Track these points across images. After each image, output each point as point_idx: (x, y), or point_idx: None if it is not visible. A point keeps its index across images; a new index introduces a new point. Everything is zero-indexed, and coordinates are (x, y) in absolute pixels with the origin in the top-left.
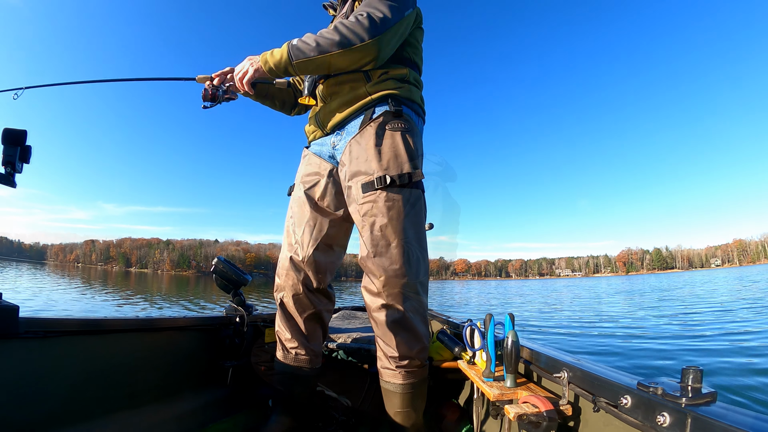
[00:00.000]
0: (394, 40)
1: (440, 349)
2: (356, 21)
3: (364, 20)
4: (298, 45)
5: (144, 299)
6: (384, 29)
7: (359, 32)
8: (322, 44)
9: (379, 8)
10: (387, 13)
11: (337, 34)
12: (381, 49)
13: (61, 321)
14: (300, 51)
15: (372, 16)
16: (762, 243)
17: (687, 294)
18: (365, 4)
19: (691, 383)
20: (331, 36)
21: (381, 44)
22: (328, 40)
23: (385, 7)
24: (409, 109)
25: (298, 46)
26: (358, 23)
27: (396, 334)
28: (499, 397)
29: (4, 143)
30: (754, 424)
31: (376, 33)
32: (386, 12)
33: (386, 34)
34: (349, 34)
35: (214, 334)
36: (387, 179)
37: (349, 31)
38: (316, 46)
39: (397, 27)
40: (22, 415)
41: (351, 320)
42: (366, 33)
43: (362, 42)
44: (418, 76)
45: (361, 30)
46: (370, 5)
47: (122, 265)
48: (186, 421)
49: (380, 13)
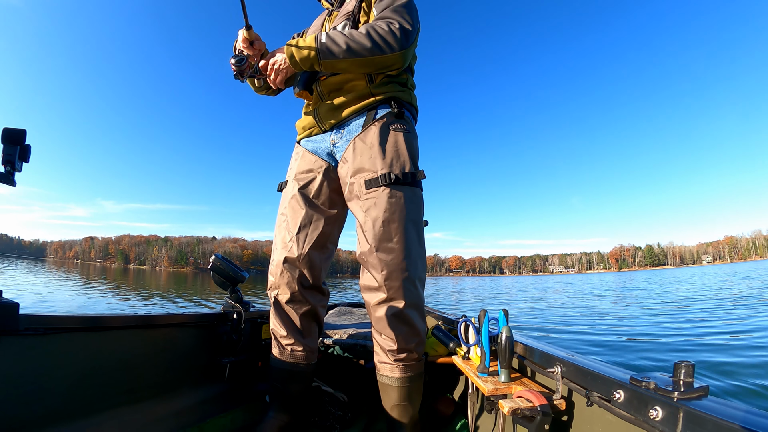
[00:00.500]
0: (413, 50)
1: (435, 344)
2: (389, 30)
3: (397, 31)
4: (328, 45)
5: (143, 296)
6: (410, 42)
7: (391, 42)
8: (354, 48)
9: (407, 19)
10: (415, 23)
11: (369, 40)
12: (406, 60)
13: (60, 318)
14: (330, 52)
15: (403, 27)
16: (752, 240)
17: (680, 289)
18: (393, 11)
19: (683, 377)
20: (363, 41)
21: (407, 57)
22: (360, 45)
23: (412, 18)
24: (408, 112)
25: (328, 46)
26: (391, 33)
27: (395, 328)
28: (493, 391)
29: (4, 142)
30: (746, 417)
31: (405, 45)
32: (414, 23)
33: (411, 47)
34: (382, 43)
35: (211, 331)
36: (391, 177)
37: (381, 39)
38: (347, 50)
39: (417, 38)
40: (22, 411)
41: (347, 316)
42: (397, 43)
43: (392, 52)
44: (413, 81)
45: (393, 40)
46: (398, 14)
47: (121, 262)
48: (184, 417)
49: (409, 25)
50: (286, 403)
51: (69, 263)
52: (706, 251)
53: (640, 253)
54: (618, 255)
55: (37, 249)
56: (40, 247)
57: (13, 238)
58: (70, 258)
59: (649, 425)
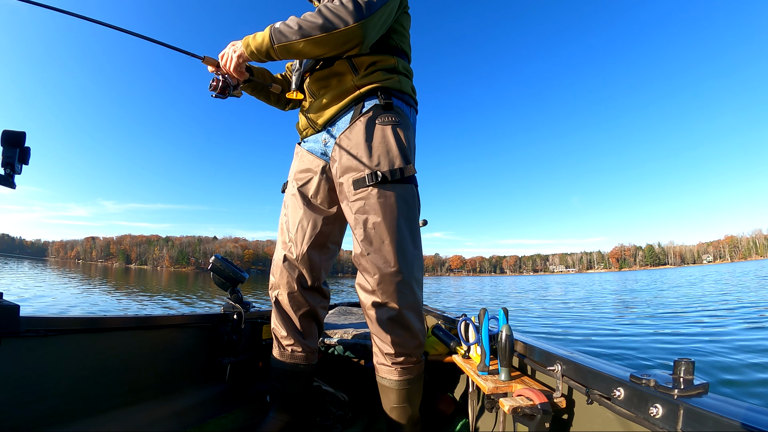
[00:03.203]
0: (380, 23)
1: (435, 343)
2: (340, 4)
3: (349, 3)
4: (280, 28)
5: (147, 296)
6: (370, 13)
7: (343, 15)
8: (305, 27)
9: None
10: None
11: (320, 17)
12: (367, 33)
13: (61, 319)
14: (282, 34)
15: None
16: (753, 239)
17: (680, 289)
18: None
19: (683, 375)
20: (313, 19)
21: (367, 28)
22: (311, 23)
23: None
24: (399, 101)
25: (280, 29)
26: (343, 6)
27: (391, 332)
28: (493, 390)
29: (4, 145)
30: (746, 414)
31: (361, 16)
32: None
33: (372, 18)
34: (333, 18)
35: (212, 331)
36: (379, 175)
37: (332, 14)
38: (298, 29)
39: (383, 9)
40: (24, 412)
41: (347, 316)
42: (350, 16)
43: (346, 26)
44: (407, 65)
45: (346, 13)
46: None
47: (122, 262)
48: (185, 417)
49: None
50: (287, 403)
51: (70, 263)
52: (706, 251)
53: (641, 253)
54: (618, 254)
55: (38, 249)
56: (41, 247)
57: (15, 238)
58: (72, 258)
59: (649, 422)
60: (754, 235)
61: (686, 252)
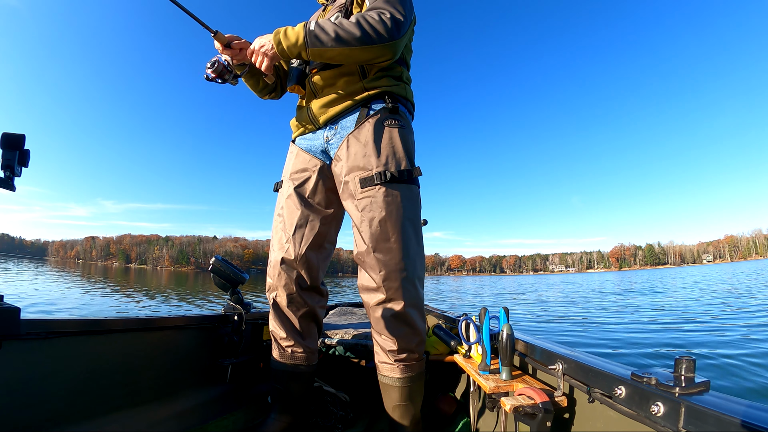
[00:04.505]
0: (406, 40)
1: (436, 343)
2: (380, 20)
3: (388, 20)
4: (316, 32)
5: (147, 296)
6: (404, 31)
7: (381, 31)
8: (343, 37)
9: (399, 9)
10: (407, 14)
11: (359, 29)
12: (398, 51)
13: (62, 321)
14: (318, 39)
15: (395, 17)
16: (753, 239)
17: (680, 287)
18: (385, 2)
19: (684, 373)
20: (352, 30)
21: (399, 46)
22: (350, 33)
23: (405, 9)
24: (403, 106)
25: (316, 34)
26: (382, 22)
27: (395, 329)
28: (495, 389)
29: (3, 147)
30: (747, 412)
31: (397, 35)
32: (406, 14)
33: (404, 37)
34: (372, 32)
35: (212, 333)
36: (387, 175)
37: (371, 28)
38: (335, 38)
39: (410, 27)
40: (25, 414)
41: (347, 316)
42: (388, 33)
43: (382, 42)
44: (408, 74)
45: (384, 30)
46: (390, 4)
47: (122, 262)
48: (186, 419)
49: (401, 15)
50: (288, 404)
51: (70, 263)
52: (706, 250)
53: (641, 253)
54: (618, 254)
55: (38, 249)
56: (41, 247)
57: (15, 237)
58: (72, 258)
59: (650, 421)
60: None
61: (686, 252)
